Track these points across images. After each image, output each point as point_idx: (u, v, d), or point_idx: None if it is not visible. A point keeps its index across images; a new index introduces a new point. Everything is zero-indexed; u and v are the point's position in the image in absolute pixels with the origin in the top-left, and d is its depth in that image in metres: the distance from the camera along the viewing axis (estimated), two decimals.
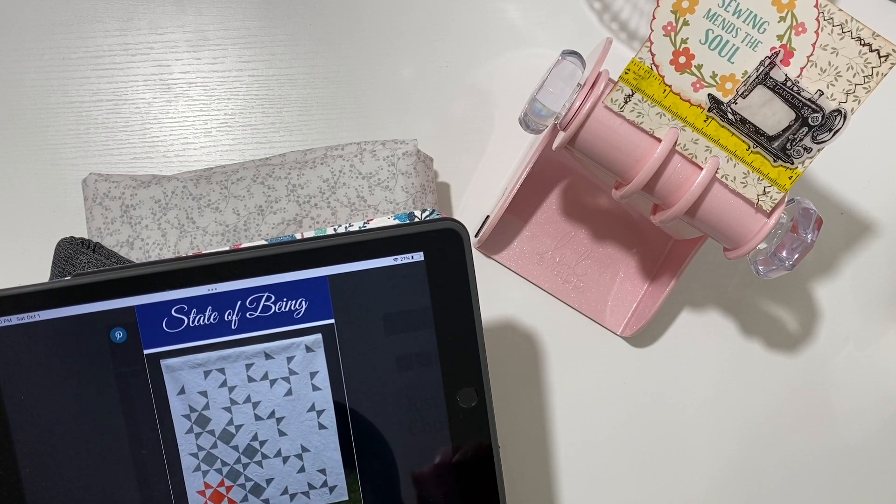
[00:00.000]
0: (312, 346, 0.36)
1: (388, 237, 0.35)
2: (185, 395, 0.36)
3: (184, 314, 0.35)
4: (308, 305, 0.35)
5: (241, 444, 0.36)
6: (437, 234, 0.35)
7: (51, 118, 0.50)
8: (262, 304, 0.35)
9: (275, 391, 0.36)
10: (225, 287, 0.35)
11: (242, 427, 0.36)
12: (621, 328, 0.51)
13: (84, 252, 0.44)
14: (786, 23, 0.38)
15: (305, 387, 0.36)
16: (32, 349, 0.34)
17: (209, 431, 0.36)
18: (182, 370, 0.35)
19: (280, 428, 0.36)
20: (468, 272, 0.35)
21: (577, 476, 0.50)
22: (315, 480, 0.37)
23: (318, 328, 0.36)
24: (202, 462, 0.36)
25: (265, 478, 0.36)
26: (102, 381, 0.35)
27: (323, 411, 0.36)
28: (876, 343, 0.53)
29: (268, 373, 0.36)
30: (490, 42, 0.53)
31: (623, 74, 0.39)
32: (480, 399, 0.36)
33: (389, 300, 0.36)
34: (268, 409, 0.36)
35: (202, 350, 0.35)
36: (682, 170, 0.41)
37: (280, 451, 0.36)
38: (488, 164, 0.52)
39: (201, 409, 0.36)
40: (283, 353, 0.36)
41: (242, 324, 0.35)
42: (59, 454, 0.35)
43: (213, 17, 0.52)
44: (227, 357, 0.36)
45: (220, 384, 0.36)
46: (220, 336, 0.35)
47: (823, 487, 0.52)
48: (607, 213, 0.52)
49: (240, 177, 0.46)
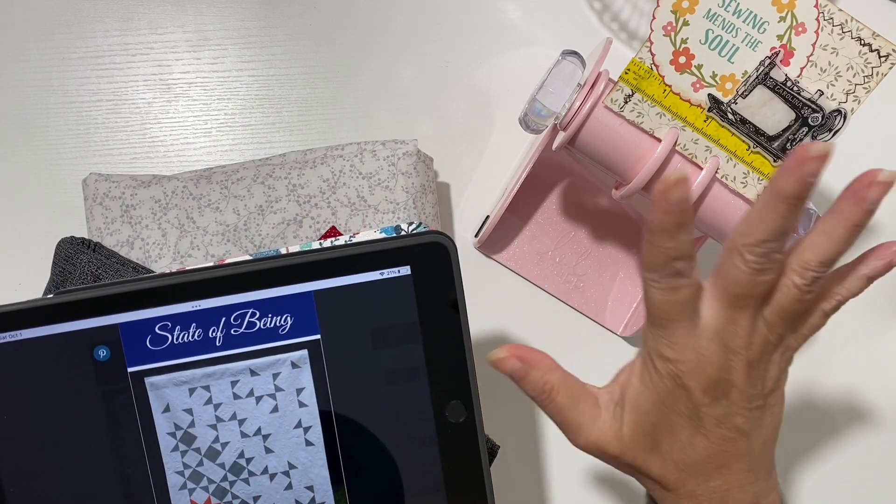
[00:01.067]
0: (298, 362, 0.35)
1: (374, 251, 0.34)
2: (170, 413, 0.35)
3: (168, 331, 0.35)
4: (293, 321, 0.35)
5: (228, 462, 0.36)
6: (423, 248, 0.35)
7: (51, 118, 0.50)
8: (247, 321, 0.35)
9: (261, 408, 0.36)
10: (209, 303, 0.34)
11: (228, 444, 0.36)
12: (621, 328, 0.51)
13: (84, 252, 0.44)
14: (786, 23, 0.38)
15: (292, 403, 0.36)
16: (15, 368, 0.34)
17: (195, 449, 0.35)
18: (167, 388, 0.35)
19: (267, 445, 0.36)
20: (455, 285, 0.35)
21: (576, 476, 0.50)
22: (303, 497, 0.36)
23: (303, 344, 0.35)
24: (188, 480, 0.36)
25: (252, 495, 0.36)
26: (86, 400, 0.34)
27: (310, 428, 0.36)
28: (876, 343, 0.53)
29: (253, 389, 0.35)
30: (490, 42, 0.53)
31: (623, 74, 0.39)
32: (469, 413, 0.36)
33: (376, 315, 0.35)
34: (254, 426, 0.36)
35: (187, 367, 0.35)
36: (682, 170, 0.41)
37: (267, 469, 0.36)
38: (488, 164, 0.52)
39: (186, 427, 0.35)
40: (269, 370, 0.35)
41: (227, 340, 0.35)
42: (44, 473, 0.35)
43: (213, 17, 0.52)
44: (212, 374, 0.35)
45: (206, 401, 0.35)
46: (204, 353, 0.35)
47: (823, 487, 0.52)
48: (607, 213, 0.52)
49: (240, 177, 0.46)
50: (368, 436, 0.36)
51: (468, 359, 0.36)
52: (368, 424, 0.36)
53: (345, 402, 0.36)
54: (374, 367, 0.35)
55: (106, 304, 0.34)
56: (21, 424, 0.34)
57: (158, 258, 0.45)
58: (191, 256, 0.45)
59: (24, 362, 0.34)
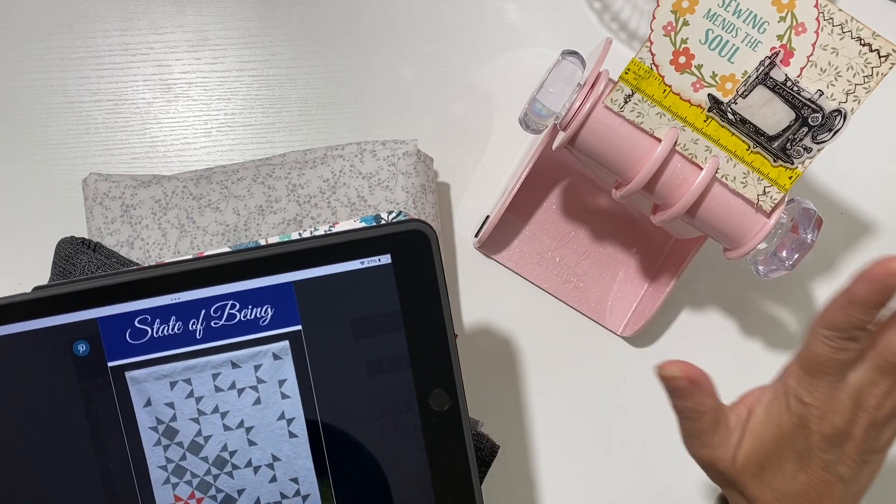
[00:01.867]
0: (280, 353, 0.35)
1: (354, 240, 0.34)
2: (152, 407, 0.35)
3: (147, 325, 0.34)
4: (274, 312, 0.35)
5: (211, 455, 0.35)
6: (403, 236, 0.34)
7: (51, 118, 0.50)
8: (227, 313, 0.35)
9: (243, 400, 0.35)
10: (188, 296, 0.34)
11: (211, 438, 0.35)
12: (621, 328, 0.51)
13: (84, 252, 0.44)
14: (786, 23, 0.38)
15: (274, 395, 0.35)
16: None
17: (177, 443, 0.35)
18: (147, 382, 0.35)
19: (250, 437, 0.36)
20: (437, 273, 0.35)
21: (575, 476, 0.50)
22: (287, 490, 0.36)
23: (284, 335, 0.35)
24: (171, 475, 0.35)
25: (236, 489, 0.36)
26: (67, 396, 0.34)
27: (293, 419, 0.36)
28: None
29: (235, 382, 0.35)
30: (490, 42, 0.53)
31: (623, 74, 0.39)
32: (454, 401, 0.36)
33: (357, 304, 0.35)
34: (236, 419, 0.35)
35: (167, 361, 0.35)
36: (682, 170, 0.41)
37: (251, 461, 0.36)
38: (488, 164, 0.52)
39: (168, 421, 0.35)
40: (250, 362, 0.35)
41: (207, 333, 0.35)
42: (25, 470, 0.34)
43: (213, 17, 0.52)
44: (192, 367, 0.35)
45: (187, 395, 0.35)
46: (185, 346, 0.35)
47: None
48: (607, 213, 0.52)
49: (240, 177, 0.46)
50: (352, 426, 0.36)
51: (451, 347, 0.36)
52: (352, 415, 0.36)
53: (328, 392, 0.35)
54: (357, 357, 0.35)
55: (84, 299, 0.34)
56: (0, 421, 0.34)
57: (158, 258, 0.45)
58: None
59: (2, 359, 0.34)
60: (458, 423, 0.36)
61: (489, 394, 0.50)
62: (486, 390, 0.50)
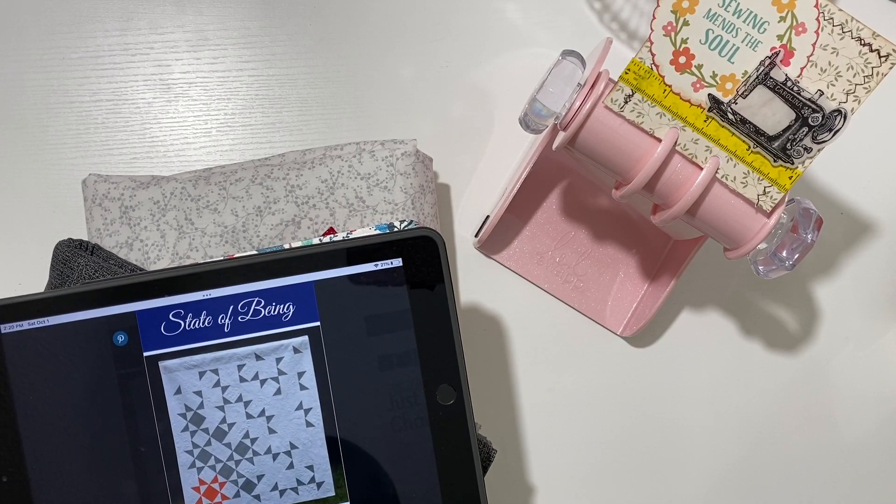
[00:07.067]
0: (300, 347, 0.38)
1: (369, 245, 0.38)
2: (182, 395, 0.37)
3: (181, 318, 0.37)
4: (295, 309, 0.38)
5: (234, 442, 0.38)
6: (413, 241, 0.38)
7: (51, 118, 0.50)
8: (253, 308, 0.38)
9: (265, 390, 0.38)
10: (219, 293, 0.37)
11: (235, 425, 0.38)
12: (621, 328, 0.51)
13: (82, 255, 0.43)
14: (786, 23, 0.38)
15: (293, 386, 0.38)
16: (42, 352, 0.37)
17: (203, 429, 0.38)
18: (179, 371, 0.37)
19: (270, 426, 0.38)
20: (444, 275, 0.38)
21: (575, 476, 0.50)
22: (303, 476, 0.38)
23: (304, 331, 0.38)
24: (197, 459, 0.38)
25: (256, 474, 0.38)
26: (105, 382, 0.37)
27: (310, 409, 0.38)
28: (876, 343, 0.53)
29: (258, 373, 0.38)
30: (490, 42, 0.53)
31: (623, 74, 0.39)
32: (458, 396, 0.38)
33: (371, 303, 0.38)
34: (258, 408, 0.38)
35: (197, 352, 0.37)
36: (682, 170, 0.40)
37: (270, 448, 0.38)
38: (488, 164, 0.52)
39: (196, 408, 0.38)
40: (273, 355, 0.38)
41: (234, 327, 0.37)
42: (64, 450, 0.37)
43: (213, 17, 0.52)
44: (220, 358, 0.38)
45: (214, 384, 0.38)
46: (214, 339, 0.37)
47: (823, 487, 0.52)
48: (607, 213, 0.52)
49: (238, 177, 0.46)
50: (364, 417, 0.38)
51: (457, 345, 0.38)
52: (364, 406, 0.38)
53: (342, 385, 0.38)
54: (370, 352, 0.38)
55: (126, 293, 0.37)
56: (45, 404, 0.37)
57: (157, 259, 0.45)
58: (189, 258, 0.45)
59: (49, 347, 0.37)
60: (462, 416, 0.38)
61: (488, 393, 0.50)
62: (485, 390, 0.50)
